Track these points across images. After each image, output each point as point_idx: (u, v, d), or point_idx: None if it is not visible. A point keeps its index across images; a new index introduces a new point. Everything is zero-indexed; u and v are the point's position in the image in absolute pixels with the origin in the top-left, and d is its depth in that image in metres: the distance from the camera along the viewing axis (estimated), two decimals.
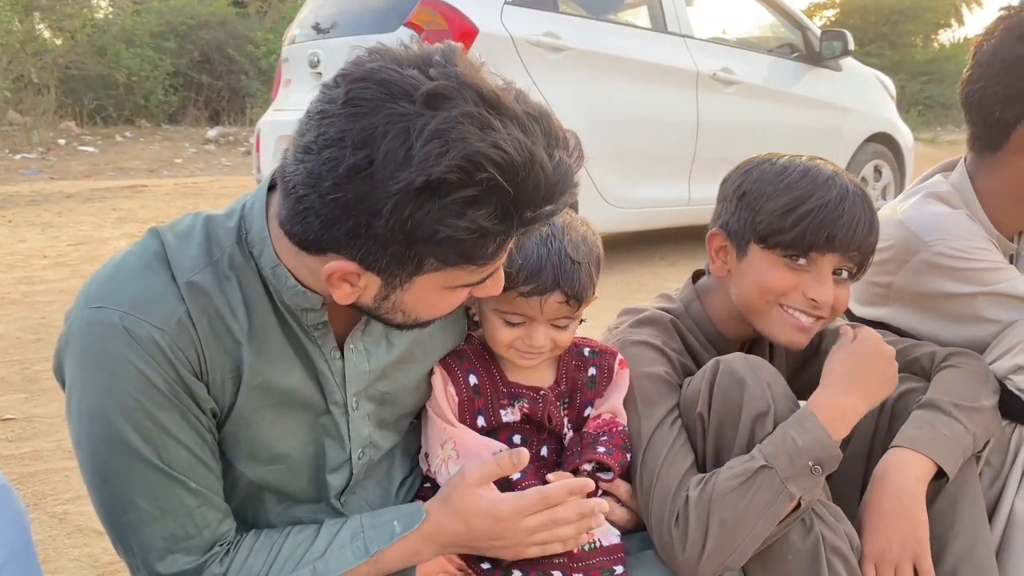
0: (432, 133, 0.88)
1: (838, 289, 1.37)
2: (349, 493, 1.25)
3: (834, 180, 1.35)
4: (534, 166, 0.92)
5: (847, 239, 1.32)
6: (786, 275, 1.37)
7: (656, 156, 5.09)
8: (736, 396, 1.25)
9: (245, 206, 1.13)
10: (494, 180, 0.90)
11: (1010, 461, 1.47)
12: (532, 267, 1.21)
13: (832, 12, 21.46)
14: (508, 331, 1.26)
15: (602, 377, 1.35)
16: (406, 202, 0.90)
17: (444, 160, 0.88)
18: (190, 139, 12.27)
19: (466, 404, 1.28)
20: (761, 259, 1.39)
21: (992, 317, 1.51)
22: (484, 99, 0.92)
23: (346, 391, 1.19)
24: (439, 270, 0.99)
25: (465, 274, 1.01)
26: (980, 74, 1.57)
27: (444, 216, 0.91)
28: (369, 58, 0.94)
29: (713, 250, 1.47)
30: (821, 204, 1.32)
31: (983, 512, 1.37)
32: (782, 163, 1.40)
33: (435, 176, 0.88)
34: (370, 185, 0.90)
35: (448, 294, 1.07)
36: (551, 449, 1.31)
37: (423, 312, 1.09)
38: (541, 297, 1.22)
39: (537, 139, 0.94)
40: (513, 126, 0.92)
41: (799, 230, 1.33)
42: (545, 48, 4.54)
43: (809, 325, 1.39)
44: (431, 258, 0.96)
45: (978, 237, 1.55)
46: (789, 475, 1.19)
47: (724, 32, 6.69)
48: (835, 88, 6.03)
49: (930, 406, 1.38)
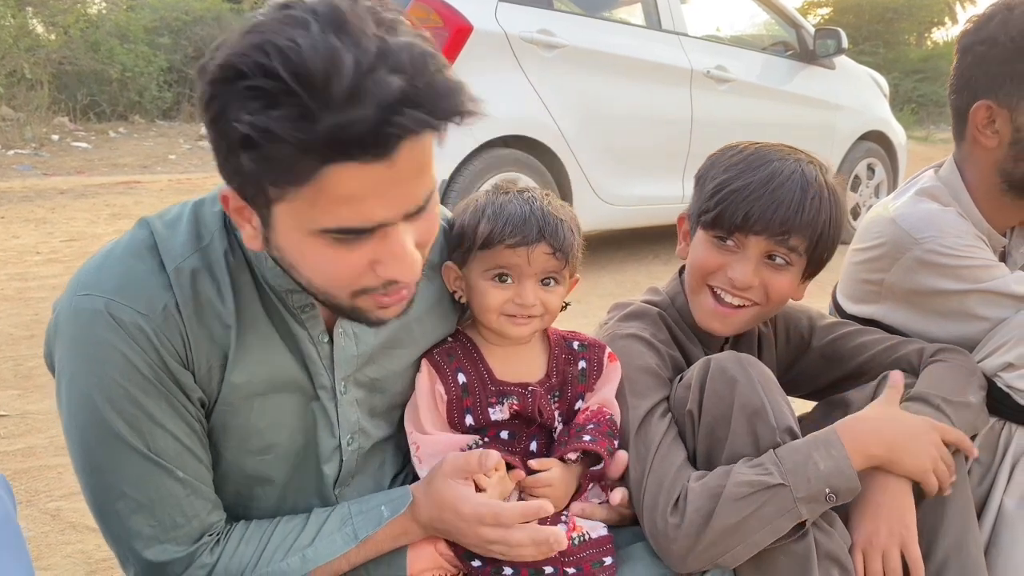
0: (254, 28, 0.88)
1: (771, 275, 1.38)
2: (342, 485, 1.25)
3: (772, 164, 1.36)
4: (334, 68, 0.83)
5: (766, 219, 1.33)
6: (713, 255, 1.40)
7: (650, 153, 5.10)
8: (727, 394, 1.25)
9: None
10: (296, 69, 0.83)
11: (999, 458, 1.48)
12: (516, 220, 1.24)
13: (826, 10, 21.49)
14: (498, 292, 1.27)
15: (592, 370, 1.36)
16: (213, 91, 0.88)
17: (241, 45, 0.86)
18: (184, 135, 12.23)
19: (455, 403, 1.29)
20: (698, 240, 1.43)
21: (983, 314, 1.51)
22: (327, 12, 0.87)
23: (334, 375, 1.20)
24: (280, 199, 0.92)
25: (306, 208, 0.92)
26: (953, 67, 1.63)
27: (239, 109, 0.86)
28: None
29: (680, 234, 1.51)
30: (744, 184, 1.35)
31: (972, 508, 1.37)
32: (739, 148, 1.42)
33: (229, 58, 0.87)
34: (203, 82, 0.90)
35: (321, 247, 0.96)
36: (540, 443, 1.31)
37: (307, 271, 1.00)
38: (528, 247, 1.24)
39: (360, 50, 0.85)
40: (336, 35, 0.85)
41: (720, 208, 1.36)
42: (539, 45, 4.54)
43: (729, 311, 1.40)
44: (260, 177, 0.90)
45: (968, 234, 1.55)
46: (803, 496, 1.19)
47: (718, 30, 6.75)
48: (829, 86, 6.05)
49: (917, 399, 1.38)
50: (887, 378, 1.45)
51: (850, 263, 1.69)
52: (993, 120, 1.56)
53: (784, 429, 1.25)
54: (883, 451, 1.26)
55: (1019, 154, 1.55)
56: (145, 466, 1.08)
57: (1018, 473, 1.45)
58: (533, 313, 1.27)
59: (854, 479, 1.22)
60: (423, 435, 1.27)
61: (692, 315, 1.48)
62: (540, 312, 1.28)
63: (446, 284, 1.33)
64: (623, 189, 5.00)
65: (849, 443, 1.23)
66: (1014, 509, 1.45)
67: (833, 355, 1.57)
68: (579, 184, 4.81)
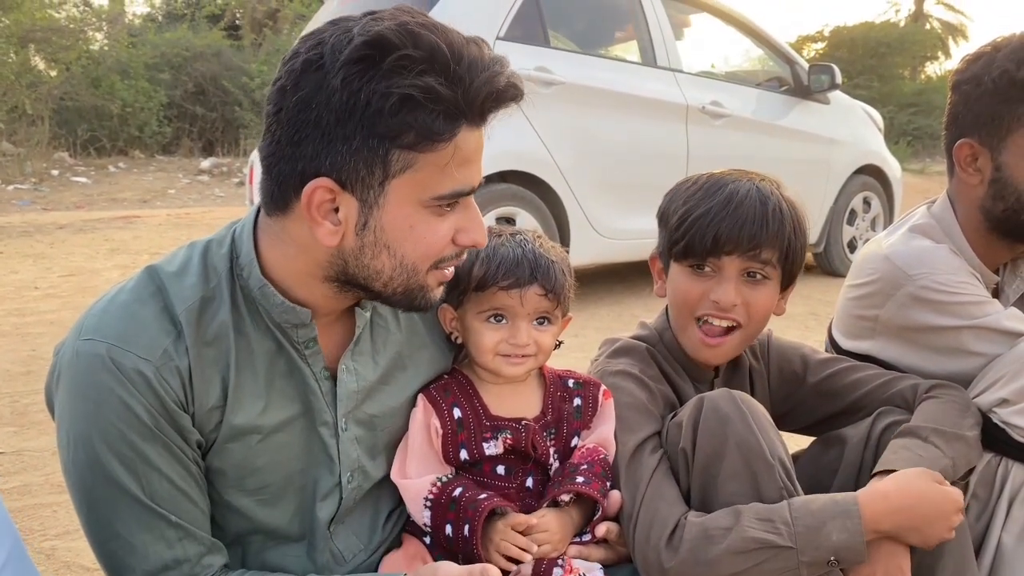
0: (371, 19, 1.01)
1: (751, 291, 1.40)
2: (337, 523, 1.25)
3: (728, 187, 1.40)
4: (467, 43, 1.02)
5: (734, 237, 1.36)
6: (694, 284, 1.42)
7: (647, 188, 5.09)
8: (721, 432, 1.25)
9: (235, 231, 1.16)
10: (432, 42, 0.99)
11: (996, 494, 1.47)
12: (509, 263, 1.27)
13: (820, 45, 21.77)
14: (493, 333, 1.29)
15: (587, 407, 1.36)
16: (355, 74, 0.98)
17: (381, 25, 0.99)
18: (184, 170, 12.31)
19: (449, 437, 1.29)
20: (675, 273, 1.45)
21: (977, 350, 1.52)
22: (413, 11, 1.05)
23: (336, 412, 1.20)
24: (407, 169, 1.03)
25: (434, 173, 1.04)
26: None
27: (393, 78, 0.98)
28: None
29: (655, 274, 1.54)
30: (707, 210, 1.38)
31: (970, 546, 1.37)
32: (693, 180, 1.46)
33: (374, 34, 0.98)
34: (322, 72, 0.99)
35: (427, 217, 1.08)
36: (536, 480, 1.32)
37: (408, 245, 1.09)
38: (521, 289, 1.27)
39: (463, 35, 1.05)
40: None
41: (688, 237, 1.39)
42: (537, 82, 4.59)
43: (718, 340, 1.41)
44: (395, 148, 1.01)
45: (961, 271, 1.56)
46: (807, 561, 1.19)
47: (713, 66, 6.79)
48: (823, 121, 6.10)
49: (907, 433, 1.38)
50: (882, 415, 1.45)
51: (845, 299, 1.71)
52: (975, 158, 1.59)
53: (780, 466, 1.25)
54: (897, 530, 1.25)
55: (998, 193, 1.57)
56: (138, 509, 1.08)
57: (1016, 509, 1.45)
58: (527, 352, 1.29)
59: (863, 553, 1.21)
60: (402, 480, 1.28)
61: (680, 349, 1.49)
62: (534, 351, 1.30)
63: (442, 325, 1.34)
64: (620, 223, 5.02)
65: (868, 519, 1.21)
66: (1013, 545, 1.44)
67: (828, 391, 1.57)
68: (576, 218, 4.84)
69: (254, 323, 1.14)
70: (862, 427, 1.46)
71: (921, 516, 1.25)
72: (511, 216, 4.50)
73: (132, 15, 16.85)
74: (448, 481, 1.26)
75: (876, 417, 1.46)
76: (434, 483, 1.26)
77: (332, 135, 1.00)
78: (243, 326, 1.13)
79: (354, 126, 1.00)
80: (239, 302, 1.13)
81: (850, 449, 1.46)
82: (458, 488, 1.25)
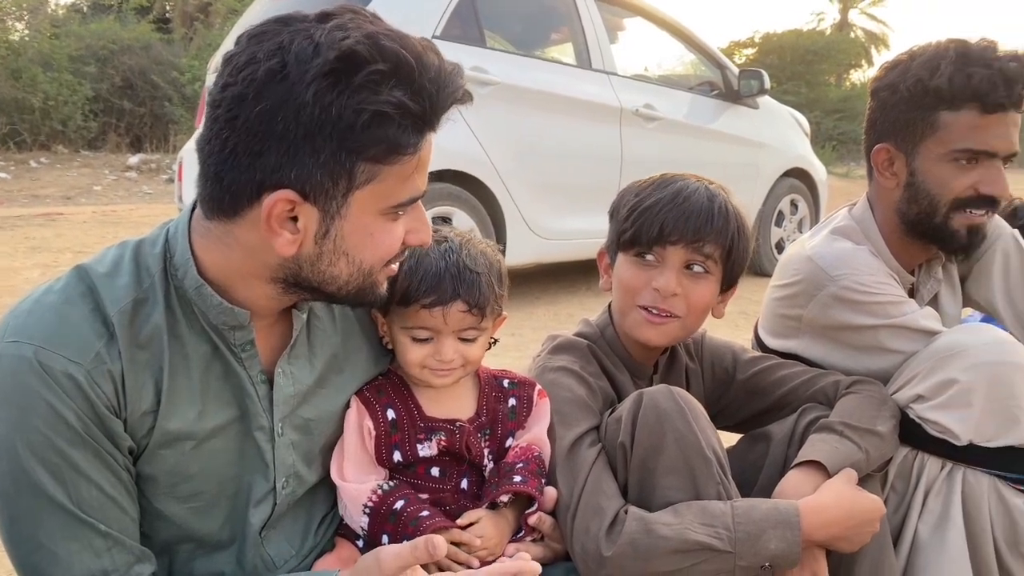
0: (333, 27, 0.99)
1: (691, 284, 1.43)
2: (269, 528, 1.23)
3: (678, 183, 1.46)
4: (425, 51, 1.02)
5: (680, 228, 1.40)
6: (637, 273, 1.45)
7: (582, 189, 5.18)
8: (660, 426, 1.27)
9: (169, 230, 1.13)
10: (399, 55, 0.98)
11: (912, 487, 1.53)
12: (431, 279, 1.25)
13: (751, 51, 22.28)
14: (417, 349, 1.28)
15: (522, 407, 1.37)
16: (325, 88, 0.96)
17: (349, 39, 0.97)
18: (110, 166, 11.93)
19: (383, 439, 1.28)
20: (620, 264, 1.49)
21: (894, 348, 1.58)
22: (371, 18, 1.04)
23: (272, 416, 1.18)
24: (371, 180, 1.03)
25: (396, 183, 1.05)
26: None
27: (364, 94, 0.97)
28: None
29: (602, 269, 1.56)
30: (655, 201, 1.43)
31: (887, 537, 1.42)
32: (646, 179, 1.50)
33: (345, 49, 0.96)
34: (288, 84, 0.97)
35: (385, 224, 1.08)
36: (471, 481, 1.32)
37: (366, 250, 1.09)
38: (443, 307, 1.25)
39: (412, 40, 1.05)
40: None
41: (636, 226, 1.43)
42: (473, 82, 4.59)
43: (661, 320, 1.44)
44: (362, 161, 1.01)
45: (880, 272, 1.62)
46: (745, 565, 1.23)
47: (646, 70, 6.87)
48: (753, 125, 6.24)
49: (825, 428, 1.43)
50: (805, 411, 1.50)
51: (770, 299, 1.75)
52: (892, 162, 1.66)
53: (716, 461, 1.28)
54: (829, 540, 1.30)
55: (912, 196, 1.64)
56: (65, 519, 1.04)
57: (931, 501, 1.51)
58: (453, 367, 1.29)
59: (797, 561, 1.26)
60: (342, 482, 1.27)
61: (622, 345, 1.51)
62: (461, 363, 1.30)
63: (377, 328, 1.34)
64: (556, 223, 5.05)
65: (806, 530, 1.25)
66: (928, 536, 1.50)
67: (755, 388, 1.61)
68: (513, 218, 4.85)
69: (189, 325, 1.11)
70: (787, 423, 1.51)
71: (853, 525, 1.31)
72: (447, 215, 4.49)
73: (55, 5, 16.23)
74: (389, 491, 1.25)
75: (800, 413, 1.50)
76: (375, 490, 1.24)
77: (298, 148, 0.98)
78: (177, 329, 1.10)
79: (323, 140, 0.98)
80: (173, 304, 1.10)
81: (775, 445, 1.50)
82: (400, 501, 1.23)
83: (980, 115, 1.55)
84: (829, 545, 1.31)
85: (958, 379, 1.45)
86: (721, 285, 1.48)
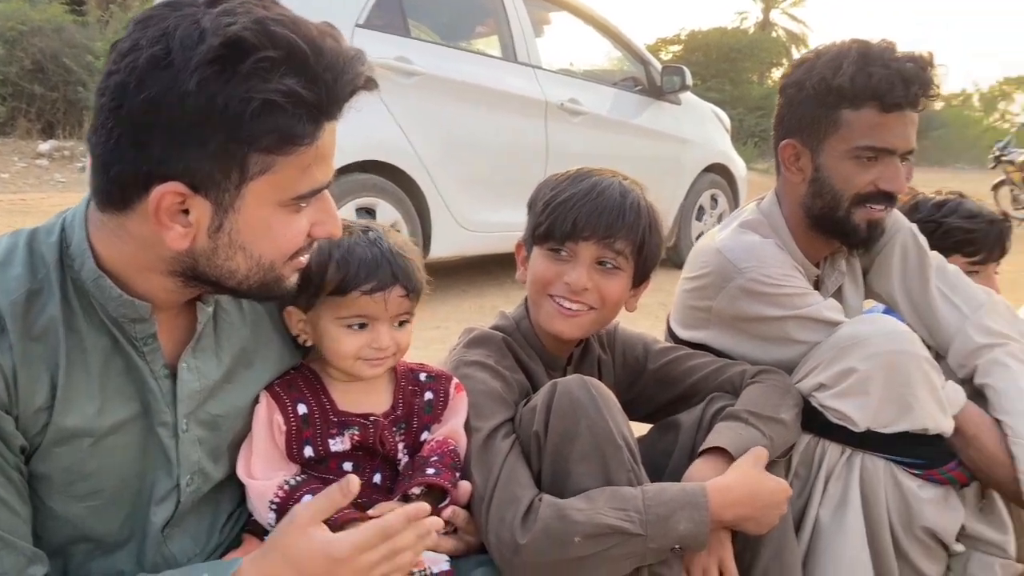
0: (220, 12, 0.95)
1: (603, 280, 1.46)
2: (172, 526, 1.19)
3: (593, 178, 1.47)
4: (322, 36, 0.99)
5: (592, 225, 1.42)
6: (550, 266, 1.47)
7: (508, 182, 5.18)
8: (573, 416, 1.29)
9: (65, 219, 1.09)
10: (290, 41, 0.95)
11: (814, 472, 1.58)
12: (369, 266, 1.25)
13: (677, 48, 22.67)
14: (353, 339, 1.27)
15: (438, 401, 1.36)
16: (210, 76, 0.93)
17: (236, 24, 0.93)
18: (19, 153, 11.42)
19: (294, 434, 1.26)
20: (535, 256, 1.50)
21: (799, 338, 1.63)
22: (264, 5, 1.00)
23: (176, 412, 1.15)
24: (265, 171, 0.99)
25: (294, 174, 1.02)
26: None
27: (252, 82, 0.94)
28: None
29: (519, 260, 1.57)
30: (570, 196, 1.45)
31: (790, 521, 1.46)
32: (563, 173, 1.52)
33: (231, 35, 0.93)
34: (172, 72, 0.93)
35: (285, 216, 1.05)
36: (384, 476, 1.31)
37: (265, 245, 1.06)
38: (384, 292, 1.25)
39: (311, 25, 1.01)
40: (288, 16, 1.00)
41: (550, 220, 1.45)
42: (397, 72, 4.55)
43: (573, 312, 1.46)
44: (254, 152, 0.97)
45: (786, 264, 1.67)
46: (656, 547, 1.25)
47: (572, 64, 6.91)
48: (675, 121, 6.34)
49: (730, 416, 1.47)
50: (713, 400, 1.53)
51: (681, 291, 1.79)
52: (798, 158, 1.71)
53: (627, 449, 1.30)
54: (737, 520, 1.34)
55: (817, 191, 1.69)
56: None
57: (831, 486, 1.57)
58: (387, 355, 1.29)
59: (705, 542, 1.29)
60: (248, 479, 1.25)
61: (536, 337, 1.52)
62: (394, 351, 1.30)
63: (288, 326, 1.31)
64: (482, 216, 5.05)
65: (714, 510, 1.29)
66: (828, 520, 1.56)
67: (666, 378, 1.64)
68: (438, 210, 4.83)
69: (87, 318, 1.07)
70: (695, 412, 1.54)
71: (760, 506, 1.34)
72: (371, 207, 4.44)
73: None
74: (296, 485, 1.23)
75: (707, 402, 1.54)
76: (281, 486, 1.22)
77: (185, 139, 0.95)
78: (74, 321, 1.06)
79: (211, 131, 0.95)
80: (70, 295, 1.06)
81: (684, 433, 1.53)
82: (307, 495, 1.21)
83: (879, 113, 1.61)
84: (737, 525, 1.34)
85: (856, 368, 1.50)
86: (633, 280, 1.50)
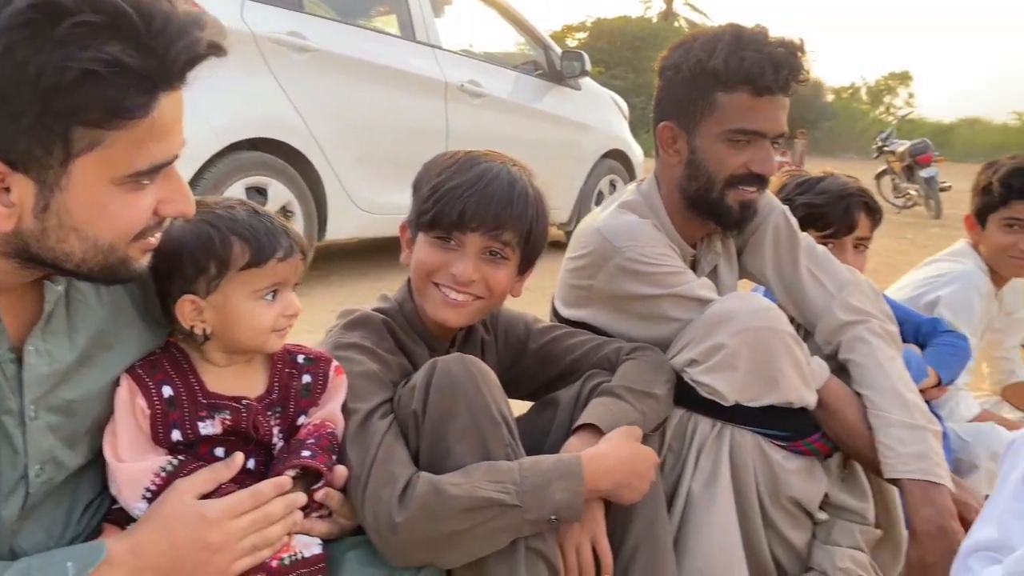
0: None
1: (491, 270, 1.45)
2: (22, 519, 1.13)
3: (481, 165, 1.45)
4: (155, 0, 0.93)
5: (481, 215, 1.41)
6: (436, 254, 1.45)
7: (406, 163, 4.98)
8: (452, 394, 1.29)
9: None
10: (114, 5, 0.88)
11: (687, 446, 1.63)
12: (272, 233, 1.24)
13: (583, 35, 22.91)
14: (269, 310, 1.25)
15: (317, 384, 1.33)
16: (18, 41, 0.86)
17: None
18: None
19: (159, 417, 1.21)
20: (420, 243, 1.48)
21: (674, 316, 1.67)
22: None
23: (23, 398, 1.08)
24: (94, 147, 0.93)
25: (129, 150, 0.95)
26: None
27: (69, 49, 0.86)
28: None
29: (404, 242, 1.55)
30: (457, 184, 1.42)
31: (661, 496, 1.50)
32: (450, 155, 1.50)
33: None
34: None
35: (122, 195, 0.99)
36: (258, 461, 1.27)
37: (102, 225, 1.00)
38: (293, 256, 1.25)
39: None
40: None
41: (436, 208, 1.42)
42: (289, 48, 4.42)
43: (460, 302, 1.46)
44: (77, 125, 0.91)
45: (662, 244, 1.71)
46: (533, 519, 1.26)
47: (472, 46, 6.90)
48: (575, 106, 6.42)
49: (605, 392, 1.50)
50: (590, 377, 1.56)
51: (564, 270, 1.81)
52: (675, 140, 1.74)
53: (505, 425, 1.31)
54: (612, 488, 1.36)
55: (692, 173, 1.73)
56: None
57: (703, 459, 1.61)
58: (294, 322, 1.28)
59: (580, 512, 1.30)
60: (117, 463, 1.19)
61: (419, 318, 1.51)
62: (295, 317, 1.28)
63: (180, 320, 1.24)
64: (380, 197, 4.98)
65: (589, 478, 1.30)
66: (699, 493, 1.60)
67: (547, 356, 1.66)
68: (334, 191, 4.74)
69: None
70: (572, 389, 1.56)
71: (632, 472, 1.37)
72: (262, 187, 4.31)
73: None
74: (174, 471, 1.18)
75: (584, 379, 1.56)
76: (157, 472, 1.17)
77: (18, 104, 0.87)
78: None
79: (24, 102, 0.87)
80: None
81: (562, 410, 1.55)
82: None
83: (751, 97, 1.65)
84: (612, 494, 1.36)
85: (725, 344, 1.55)
86: (519, 267, 1.50)
